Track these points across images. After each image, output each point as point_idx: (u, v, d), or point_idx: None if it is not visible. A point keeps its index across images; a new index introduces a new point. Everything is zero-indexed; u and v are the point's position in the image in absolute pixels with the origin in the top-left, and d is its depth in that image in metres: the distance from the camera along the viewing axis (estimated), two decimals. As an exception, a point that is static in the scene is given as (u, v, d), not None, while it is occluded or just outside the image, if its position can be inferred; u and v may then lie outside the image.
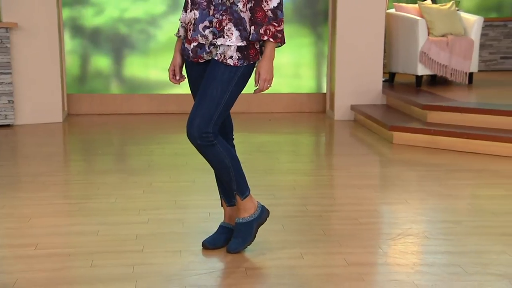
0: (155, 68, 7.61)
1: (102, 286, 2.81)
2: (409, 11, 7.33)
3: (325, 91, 7.49)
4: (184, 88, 7.66)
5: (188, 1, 3.02)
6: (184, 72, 3.19)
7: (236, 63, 2.95)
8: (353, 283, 2.84)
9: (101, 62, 7.56)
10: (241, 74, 2.98)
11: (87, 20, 7.46)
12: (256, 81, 2.99)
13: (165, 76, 7.66)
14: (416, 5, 7.40)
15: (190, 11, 2.99)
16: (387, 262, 3.10)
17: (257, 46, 3.00)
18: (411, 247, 3.29)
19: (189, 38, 3.01)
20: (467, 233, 3.50)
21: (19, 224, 3.66)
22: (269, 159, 5.19)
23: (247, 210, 3.18)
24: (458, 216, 3.78)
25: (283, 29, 2.96)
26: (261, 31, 2.91)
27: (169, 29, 7.51)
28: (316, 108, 7.52)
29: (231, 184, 3.13)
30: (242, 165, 3.17)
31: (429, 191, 4.30)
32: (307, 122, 7.01)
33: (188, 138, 2.99)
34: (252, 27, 2.93)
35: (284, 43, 3.00)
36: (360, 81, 6.99)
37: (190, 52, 3.02)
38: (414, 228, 3.57)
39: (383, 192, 4.32)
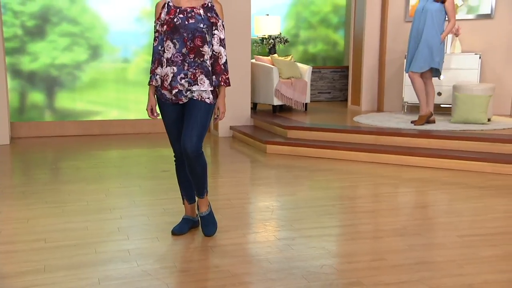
0: (80, 101, 7.31)
1: (112, 266, 2.77)
2: (265, 61, 7.67)
3: (209, 117, 7.59)
4: (103, 115, 7.46)
5: (163, 60, 3.04)
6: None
7: (212, 102, 3.08)
8: (286, 251, 3.02)
9: (37, 97, 7.12)
10: (212, 108, 3.11)
11: (25, 65, 7.01)
12: (216, 113, 3.12)
13: (89, 106, 7.37)
14: (269, 57, 7.76)
15: (166, 66, 3.03)
16: (302, 235, 3.29)
17: (216, 89, 3.13)
18: (312, 224, 3.51)
19: (165, 86, 3.04)
20: (342, 212, 3.79)
21: (21, 224, 3.45)
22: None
23: (207, 204, 3.28)
24: (331, 201, 4.05)
25: (229, 76, 3.12)
26: (220, 78, 3.07)
27: (90, 72, 7.26)
28: (204, 129, 7.60)
29: (205, 184, 3.20)
30: (166, 174, 3.20)
31: (305, 185, 4.56)
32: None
33: (187, 151, 3.00)
34: (214, 76, 3.06)
35: (230, 85, 3.16)
36: (235, 108, 7.19)
37: (172, 96, 3.05)
38: (308, 212, 3.79)
39: (276, 188, 4.46)
